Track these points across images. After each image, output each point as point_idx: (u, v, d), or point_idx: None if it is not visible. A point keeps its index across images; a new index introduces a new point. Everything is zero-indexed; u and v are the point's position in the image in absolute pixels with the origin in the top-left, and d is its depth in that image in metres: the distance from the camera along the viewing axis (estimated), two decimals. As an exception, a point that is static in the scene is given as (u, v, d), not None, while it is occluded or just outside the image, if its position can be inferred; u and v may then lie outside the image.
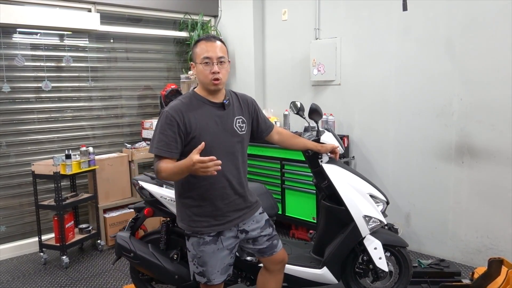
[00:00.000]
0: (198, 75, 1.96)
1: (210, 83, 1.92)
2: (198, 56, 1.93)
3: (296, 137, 2.44)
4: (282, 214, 4.03)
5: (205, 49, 1.92)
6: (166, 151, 1.87)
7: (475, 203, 3.31)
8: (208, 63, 1.91)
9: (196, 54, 1.95)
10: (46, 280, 3.42)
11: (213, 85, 1.93)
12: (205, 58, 1.91)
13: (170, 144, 1.87)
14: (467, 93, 3.29)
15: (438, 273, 2.97)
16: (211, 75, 1.91)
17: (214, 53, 1.91)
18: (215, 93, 1.98)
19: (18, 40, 3.93)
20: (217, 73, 1.91)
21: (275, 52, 4.67)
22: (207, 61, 1.91)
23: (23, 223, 4.05)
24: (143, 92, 4.79)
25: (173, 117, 1.88)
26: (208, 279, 2.02)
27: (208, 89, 1.96)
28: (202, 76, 1.93)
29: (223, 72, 1.94)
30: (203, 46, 1.93)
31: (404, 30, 3.59)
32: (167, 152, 1.87)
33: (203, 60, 1.91)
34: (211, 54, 1.90)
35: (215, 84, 1.92)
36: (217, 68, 1.91)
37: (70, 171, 3.62)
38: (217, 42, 1.95)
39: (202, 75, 1.93)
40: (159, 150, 1.87)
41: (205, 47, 1.92)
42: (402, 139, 3.70)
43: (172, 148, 1.87)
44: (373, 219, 2.52)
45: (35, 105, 4.05)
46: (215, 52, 1.91)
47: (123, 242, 2.56)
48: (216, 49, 1.92)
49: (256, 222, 2.13)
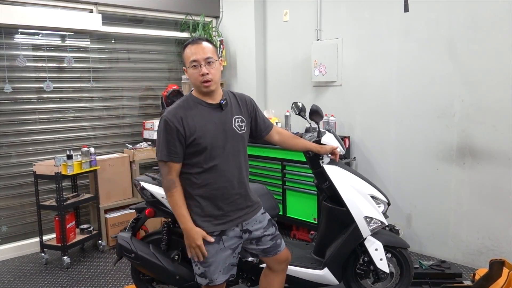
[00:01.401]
0: (190, 79, 1.98)
1: (201, 86, 1.93)
2: (187, 60, 1.94)
3: (297, 138, 2.44)
4: (283, 215, 4.03)
5: (191, 52, 1.92)
6: (169, 156, 1.91)
7: (476, 205, 3.31)
8: (196, 66, 1.91)
9: (185, 58, 1.96)
10: (47, 280, 3.42)
11: (204, 87, 1.93)
12: (193, 62, 1.91)
13: (172, 149, 1.91)
14: (468, 95, 3.28)
15: (439, 274, 2.96)
16: (200, 77, 1.91)
17: (201, 55, 1.91)
18: (210, 94, 1.98)
19: (20, 41, 3.94)
20: (206, 75, 1.91)
21: (277, 53, 4.68)
22: (195, 64, 1.91)
23: (25, 223, 4.06)
24: (144, 92, 4.80)
25: (172, 122, 1.89)
26: (210, 279, 2.01)
27: (201, 92, 1.97)
28: (193, 79, 1.95)
29: (213, 72, 1.93)
30: (190, 49, 1.93)
31: (406, 31, 3.59)
32: (171, 158, 1.92)
33: (191, 64, 1.92)
34: (197, 57, 1.90)
35: (206, 86, 1.93)
36: (205, 69, 1.90)
37: (72, 172, 3.62)
38: (203, 43, 1.94)
39: (192, 78, 1.95)
40: (163, 156, 1.92)
41: (191, 51, 1.93)
42: (403, 140, 3.69)
43: (174, 154, 1.91)
44: (374, 220, 2.52)
45: (37, 105, 4.06)
46: (202, 53, 1.91)
47: (124, 242, 2.56)
48: (203, 51, 1.92)
49: (259, 222, 2.14)
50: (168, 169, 1.93)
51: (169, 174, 1.93)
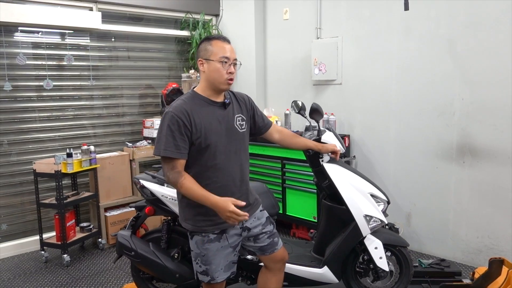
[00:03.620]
0: (211, 73, 1.94)
1: (225, 83, 1.94)
2: (215, 54, 1.92)
3: (297, 137, 2.44)
4: (283, 213, 4.03)
5: (224, 49, 1.93)
6: (176, 152, 1.86)
7: (476, 203, 3.31)
8: (226, 63, 1.93)
9: (212, 52, 1.93)
10: (47, 278, 3.42)
11: (227, 84, 1.95)
12: (224, 58, 1.92)
13: (179, 145, 1.86)
14: (468, 93, 3.28)
15: (438, 273, 2.97)
16: (227, 75, 1.93)
17: (233, 54, 1.96)
18: (219, 93, 1.99)
19: (19, 39, 3.93)
20: (232, 74, 1.94)
21: (277, 51, 4.67)
22: (226, 61, 1.92)
23: (25, 221, 4.06)
24: (144, 91, 4.79)
25: (179, 117, 1.87)
26: (211, 277, 2.02)
27: (218, 88, 1.96)
28: (217, 74, 1.93)
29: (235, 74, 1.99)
30: (221, 45, 1.94)
31: (406, 29, 3.59)
32: (177, 154, 1.86)
33: (222, 59, 1.92)
34: (230, 55, 1.94)
35: (229, 84, 1.96)
36: (233, 68, 1.95)
37: (71, 170, 3.62)
38: (231, 45, 1.99)
39: (217, 73, 1.93)
40: (169, 152, 1.85)
41: (223, 46, 1.94)
42: (403, 139, 3.69)
43: (181, 149, 1.87)
44: (374, 218, 2.52)
45: (37, 103, 4.06)
46: (233, 53, 1.96)
47: (124, 240, 2.57)
48: (233, 51, 1.98)
49: (258, 219, 2.15)
50: (173, 165, 1.87)
51: (174, 169, 1.88)
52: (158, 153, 1.88)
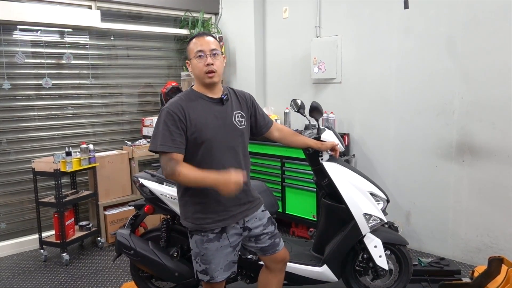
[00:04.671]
0: (194, 70, 1.97)
1: (205, 76, 1.93)
2: (191, 51, 1.96)
3: (297, 135, 2.44)
4: (282, 212, 4.03)
5: (197, 44, 1.95)
6: (173, 147, 1.85)
7: (475, 202, 3.31)
8: (201, 56, 1.93)
9: (189, 50, 1.98)
10: (46, 277, 3.42)
11: (208, 77, 1.93)
12: (198, 52, 1.93)
13: (176, 139, 1.86)
14: (468, 92, 3.28)
15: (438, 271, 2.96)
16: (205, 67, 1.92)
17: (207, 46, 1.94)
18: (212, 87, 1.98)
19: (18, 37, 3.92)
20: (211, 65, 1.92)
21: (276, 50, 4.67)
22: (200, 54, 1.93)
23: (24, 220, 4.05)
24: (143, 89, 4.79)
25: (175, 113, 1.87)
26: (211, 276, 2.02)
27: (204, 83, 1.96)
28: (197, 70, 1.95)
29: (217, 63, 1.95)
30: (195, 41, 1.97)
31: (405, 28, 3.59)
32: (174, 148, 1.86)
33: (197, 54, 1.93)
34: (203, 47, 1.93)
35: (210, 76, 1.93)
36: (210, 59, 1.92)
37: (71, 169, 3.62)
38: (209, 37, 1.98)
39: (197, 69, 1.95)
40: (166, 147, 1.85)
41: (197, 42, 1.95)
42: (403, 138, 3.69)
43: (178, 144, 1.86)
44: (373, 217, 2.52)
45: (36, 102, 4.05)
46: (207, 45, 1.94)
47: (123, 239, 2.57)
48: (208, 43, 1.95)
49: (259, 219, 2.14)
50: (170, 157, 1.85)
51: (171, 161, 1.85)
52: (154, 148, 1.88)
